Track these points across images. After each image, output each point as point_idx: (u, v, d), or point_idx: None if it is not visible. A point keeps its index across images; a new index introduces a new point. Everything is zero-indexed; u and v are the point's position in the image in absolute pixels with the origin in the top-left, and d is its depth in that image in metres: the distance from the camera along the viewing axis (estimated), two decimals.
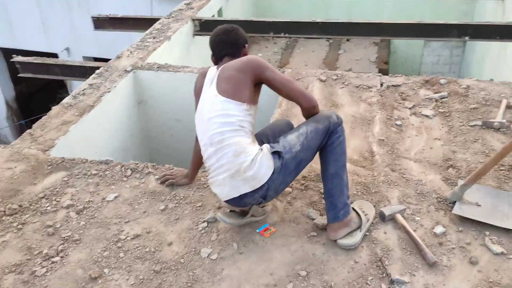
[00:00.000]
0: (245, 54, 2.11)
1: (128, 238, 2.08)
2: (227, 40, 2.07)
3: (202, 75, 2.10)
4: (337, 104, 3.04)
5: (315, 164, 2.21)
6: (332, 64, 6.05)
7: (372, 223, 2.06)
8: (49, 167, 2.58)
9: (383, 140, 2.66)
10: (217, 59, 2.09)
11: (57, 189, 2.41)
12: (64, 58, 6.93)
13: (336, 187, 1.97)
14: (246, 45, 2.14)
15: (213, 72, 2.03)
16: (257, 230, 2.06)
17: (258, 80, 1.94)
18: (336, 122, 1.98)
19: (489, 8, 5.70)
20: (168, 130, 3.85)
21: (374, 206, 2.14)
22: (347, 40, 6.23)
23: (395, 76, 3.35)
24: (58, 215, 2.24)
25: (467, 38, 4.31)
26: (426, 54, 6.70)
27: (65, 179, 2.49)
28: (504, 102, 2.88)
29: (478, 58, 5.97)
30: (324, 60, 6.20)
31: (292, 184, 2.31)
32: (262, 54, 6.31)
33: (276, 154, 1.88)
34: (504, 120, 2.70)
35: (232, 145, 1.85)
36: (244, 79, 1.90)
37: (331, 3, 6.37)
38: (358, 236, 1.96)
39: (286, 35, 4.58)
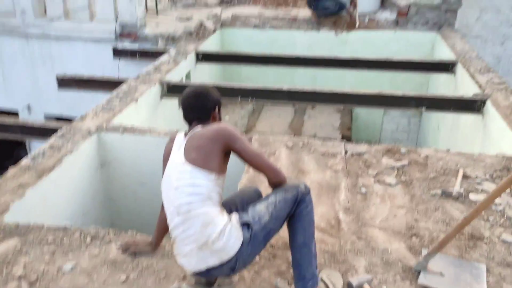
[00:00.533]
0: (215, 118, 2.09)
1: None
2: (195, 105, 2.04)
3: (172, 140, 2.09)
4: (304, 171, 3.08)
5: (283, 232, 2.19)
6: (298, 129, 6.22)
7: None
8: (1, 234, 2.42)
9: (348, 208, 2.69)
10: (187, 122, 2.08)
11: (9, 258, 2.25)
12: (25, 116, 6.78)
13: (304, 257, 1.95)
14: (218, 107, 2.09)
15: (181, 138, 2.02)
16: None
17: (228, 150, 1.94)
18: (304, 192, 2.00)
19: (442, 80, 6.12)
20: (131, 193, 3.75)
21: (342, 276, 2.12)
22: (312, 107, 6.47)
23: (359, 144, 3.47)
24: (9, 287, 2.08)
25: (423, 108, 4.57)
26: (386, 122, 7.02)
27: (18, 246, 2.33)
28: (461, 172, 3.02)
29: (434, 126, 6.30)
30: (290, 124, 6.37)
31: (260, 254, 2.26)
32: (229, 117, 6.42)
33: (245, 225, 1.85)
34: (462, 190, 2.80)
35: (200, 215, 1.82)
36: (214, 149, 1.89)
37: (297, 71, 6.65)
38: None
39: (253, 100, 4.70)
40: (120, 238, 2.42)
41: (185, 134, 2.02)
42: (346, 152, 3.33)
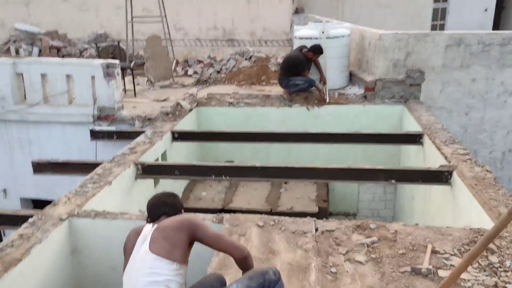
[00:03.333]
0: None
1: None
2: (166, 201, 2.22)
3: (135, 232, 2.13)
4: (274, 252, 3.08)
5: None
6: (275, 203, 6.25)
7: None
8: None
9: None
10: (153, 218, 2.16)
11: None
12: (0, 199, 6.70)
13: None
14: (183, 210, 2.28)
15: (147, 229, 2.07)
16: None
17: (192, 239, 2.01)
18: (274, 280, 2.00)
19: (412, 150, 6.34)
20: (102, 279, 3.66)
21: None
22: (285, 182, 6.58)
23: (329, 221, 3.51)
24: None
25: (393, 181, 4.70)
26: (362, 192, 7.12)
27: None
28: (429, 248, 3.06)
29: (408, 196, 6.42)
30: (267, 198, 6.41)
31: None
32: (206, 193, 6.44)
33: None
34: (430, 266, 2.83)
35: None
36: (180, 238, 1.97)
37: (271, 146, 6.82)
38: None
39: (227, 178, 4.77)
40: None
41: (152, 226, 2.08)
42: (316, 230, 3.36)
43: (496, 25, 13.21)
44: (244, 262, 2.07)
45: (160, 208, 2.18)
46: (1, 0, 12.03)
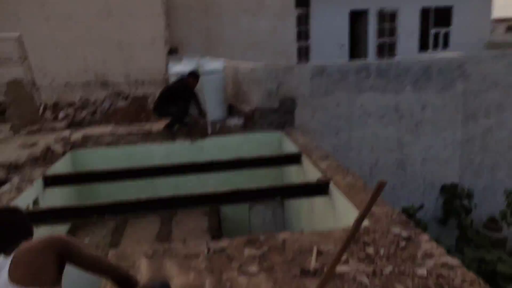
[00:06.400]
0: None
1: None
2: (15, 222, 1.93)
3: None
4: (167, 277, 2.96)
5: None
6: (166, 238, 6.03)
7: None
8: None
9: None
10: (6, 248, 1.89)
11: None
12: None
13: None
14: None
15: (0, 260, 1.80)
16: None
17: (62, 260, 1.79)
18: None
19: (292, 171, 6.71)
20: None
21: None
22: (175, 213, 6.43)
23: (220, 241, 3.50)
24: None
25: (279, 198, 4.91)
26: (252, 217, 7.25)
27: None
28: (315, 249, 3.22)
29: (296, 214, 6.73)
30: (158, 235, 6.16)
31: None
32: (90, 238, 5.97)
33: None
34: (317, 265, 2.98)
35: None
36: (47, 261, 1.72)
37: (157, 182, 6.65)
38: None
39: (111, 216, 4.50)
40: None
41: (6, 256, 1.82)
42: (209, 250, 3.33)
43: (352, 57, 15.02)
44: (125, 286, 1.93)
45: (13, 233, 1.87)
46: None
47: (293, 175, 6.77)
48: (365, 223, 3.73)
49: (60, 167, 6.11)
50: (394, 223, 3.57)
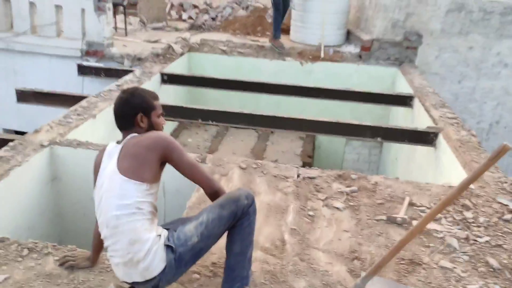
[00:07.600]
0: (138, 124, 1.99)
1: None
2: (118, 114, 2.01)
3: (102, 151, 2.04)
4: (254, 192, 3.10)
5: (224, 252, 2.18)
6: (260, 154, 6.27)
7: None
8: None
9: (295, 229, 2.71)
10: (120, 130, 2.05)
11: None
12: None
13: (238, 263, 1.96)
14: (143, 112, 1.98)
15: (113, 147, 1.97)
16: None
17: (164, 160, 1.91)
18: (246, 204, 1.93)
19: (401, 113, 6.34)
20: (81, 208, 3.67)
21: None
22: (271, 132, 6.55)
23: (311, 169, 3.52)
24: None
25: (379, 139, 4.71)
26: (347, 152, 7.15)
27: None
28: (407, 200, 3.10)
29: (392, 158, 6.48)
30: (252, 150, 6.42)
31: (201, 271, 2.24)
32: (192, 139, 6.42)
33: (169, 247, 1.82)
34: (406, 216, 2.88)
35: (127, 232, 1.79)
36: (150, 158, 1.84)
37: (261, 97, 6.74)
38: None
39: (214, 122, 4.73)
40: (59, 252, 2.35)
41: (118, 142, 1.99)
42: (298, 176, 3.38)
43: None
44: (214, 197, 2.00)
45: (116, 120, 1.98)
46: None
47: (400, 117, 6.40)
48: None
49: (177, 67, 6.45)
50: (503, 193, 3.26)
